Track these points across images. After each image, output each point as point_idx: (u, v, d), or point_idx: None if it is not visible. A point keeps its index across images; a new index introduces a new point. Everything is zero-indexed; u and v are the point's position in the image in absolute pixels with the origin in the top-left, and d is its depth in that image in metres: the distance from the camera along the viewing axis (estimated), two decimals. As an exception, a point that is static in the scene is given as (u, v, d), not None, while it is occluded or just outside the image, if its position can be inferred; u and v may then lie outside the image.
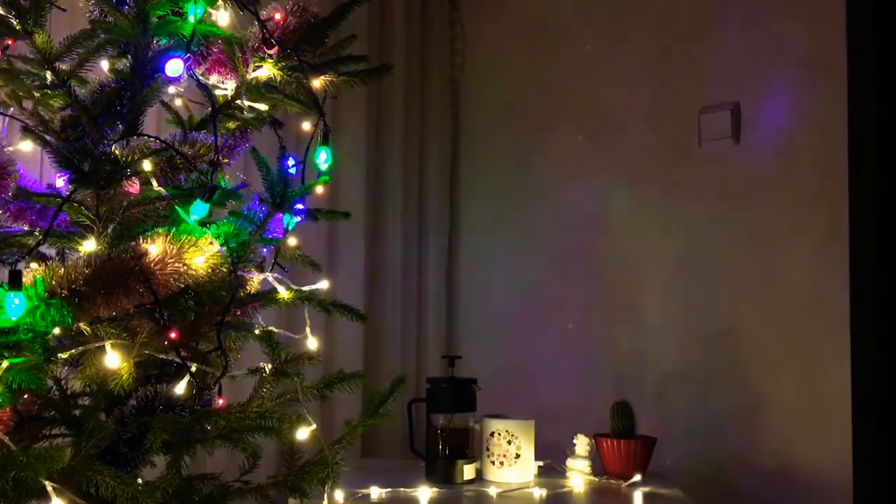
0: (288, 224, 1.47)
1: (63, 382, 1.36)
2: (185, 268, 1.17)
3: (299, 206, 1.46)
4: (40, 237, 1.23)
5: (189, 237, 1.19)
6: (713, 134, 2.34)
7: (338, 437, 1.51)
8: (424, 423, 2.08)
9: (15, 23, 1.24)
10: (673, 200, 2.44)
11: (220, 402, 1.31)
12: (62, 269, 1.09)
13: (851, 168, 2.08)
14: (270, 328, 1.48)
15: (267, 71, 1.42)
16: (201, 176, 1.31)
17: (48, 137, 1.34)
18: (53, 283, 1.08)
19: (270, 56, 1.40)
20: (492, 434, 2.02)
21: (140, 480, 1.25)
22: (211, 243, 1.20)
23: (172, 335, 1.18)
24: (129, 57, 1.36)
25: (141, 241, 1.19)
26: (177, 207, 1.26)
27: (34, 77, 1.34)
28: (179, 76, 1.28)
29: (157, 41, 1.38)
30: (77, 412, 1.36)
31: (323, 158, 1.43)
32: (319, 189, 1.48)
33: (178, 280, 1.18)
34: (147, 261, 1.14)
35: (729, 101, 2.32)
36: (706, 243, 2.35)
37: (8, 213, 1.39)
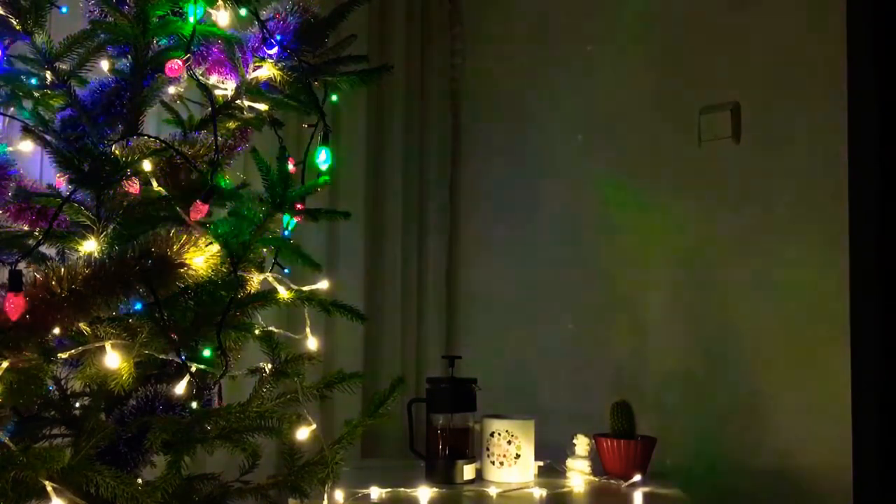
0: (288, 224, 1.47)
1: (63, 382, 1.36)
2: (185, 268, 1.17)
3: (299, 206, 1.46)
4: (40, 237, 1.23)
5: (189, 237, 1.19)
6: (713, 134, 2.34)
7: (338, 437, 1.51)
8: (424, 423, 2.08)
9: (15, 23, 1.24)
10: (673, 200, 2.43)
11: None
12: (62, 269, 1.09)
13: (851, 168, 2.08)
14: (270, 328, 1.48)
15: (267, 71, 1.42)
16: (201, 176, 1.31)
17: (48, 137, 1.34)
18: (53, 283, 1.08)
19: (270, 56, 1.40)
20: (492, 434, 2.02)
21: (140, 480, 1.25)
22: (210, 243, 1.20)
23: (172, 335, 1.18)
24: (129, 57, 1.36)
25: (141, 240, 1.19)
26: (177, 207, 1.26)
27: (34, 77, 1.34)
28: (179, 76, 1.28)
29: (157, 41, 1.38)
30: (77, 412, 1.36)
31: (323, 158, 1.43)
32: (319, 189, 1.48)
33: (178, 280, 1.18)
34: (147, 261, 1.14)
35: (729, 101, 2.32)
36: (706, 243, 2.35)
37: (8, 213, 1.39)
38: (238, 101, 1.47)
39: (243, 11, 1.41)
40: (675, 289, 2.42)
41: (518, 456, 2.00)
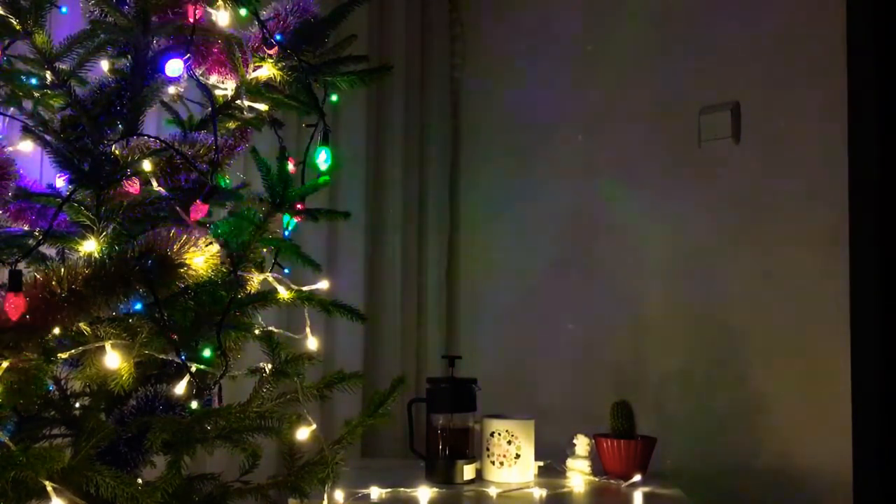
0: (288, 224, 1.47)
1: (63, 382, 1.36)
2: (185, 268, 1.17)
3: (299, 206, 1.46)
4: (40, 237, 1.23)
5: (189, 237, 1.19)
6: (713, 134, 2.34)
7: (338, 437, 1.51)
8: (424, 423, 2.07)
9: (15, 23, 1.24)
10: (673, 200, 2.43)
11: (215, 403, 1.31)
12: (62, 269, 1.09)
13: (851, 167, 2.08)
14: (270, 328, 1.48)
15: (267, 71, 1.42)
16: (201, 176, 1.31)
17: (48, 137, 1.34)
18: (53, 283, 1.08)
19: (270, 56, 1.40)
20: (492, 434, 2.02)
21: (140, 480, 1.25)
22: (211, 243, 1.20)
23: (172, 335, 1.18)
24: (129, 57, 1.36)
25: (141, 241, 1.19)
26: (177, 207, 1.26)
27: (34, 77, 1.34)
28: (179, 76, 1.28)
29: (157, 41, 1.38)
30: (77, 412, 1.36)
31: (323, 158, 1.43)
32: (319, 189, 1.48)
33: (178, 280, 1.18)
34: (147, 261, 1.14)
35: (729, 101, 2.32)
36: (706, 243, 2.35)
37: (8, 213, 1.39)
38: (238, 101, 1.47)
39: (243, 11, 1.41)
40: (675, 289, 2.42)
41: (518, 456, 2.00)
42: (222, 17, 1.42)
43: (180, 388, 1.29)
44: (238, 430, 1.34)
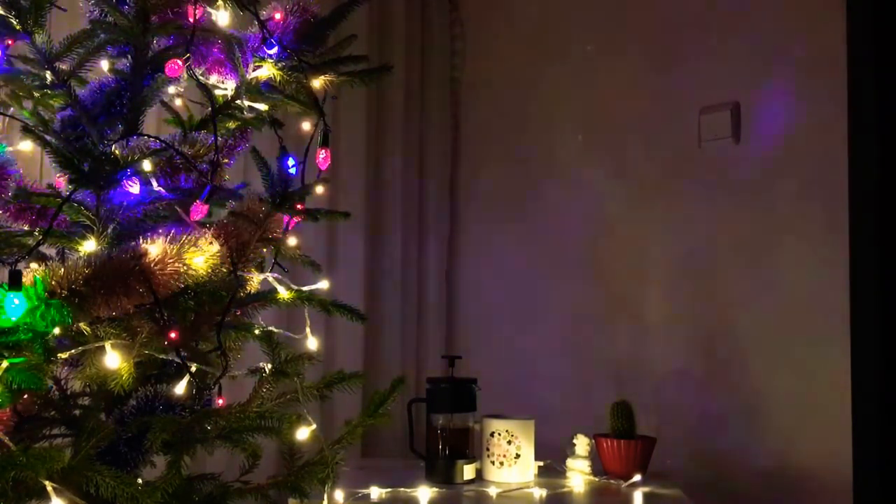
0: (287, 224, 1.47)
1: (63, 382, 1.36)
2: (185, 268, 1.17)
3: (299, 206, 1.46)
4: (40, 237, 1.23)
5: (189, 237, 1.19)
6: (713, 134, 2.34)
7: (338, 437, 1.51)
8: (424, 423, 2.08)
9: (15, 23, 1.24)
10: (673, 200, 2.43)
11: (220, 401, 1.31)
12: (62, 269, 1.09)
13: (851, 167, 2.08)
14: (270, 328, 1.48)
15: (267, 71, 1.42)
16: (201, 176, 1.31)
17: (48, 137, 1.34)
18: (53, 283, 1.08)
19: (270, 56, 1.40)
20: (492, 434, 2.02)
21: (140, 480, 1.25)
22: (211, 243, 1.20)
23: (172, 335, 1.18)
24: (129, 57, 1.36)
25: (141, 241, 1.19)
26: (177, 207, 1.26)
27: (34, 77, 1.34)
28: (179, 76, 1.28)
29: (157, 41, 1.38)
30: (77, 412, 1.36)
31: (323, 158, 1.43)
32: (319, 189, 1.48)
33: (178, 280, 1.18)
34: (147, 261, 1.14)
35: (729, 101, 2.32)
36: (706, 243, 2.35)
37: (8, 213, 1.39)
38: (238, 101, 1.47)
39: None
40: (675, 289, 2.42)
41: (518, 456, 2.00)
42: (222, 17, 1.42)
43: (180, 388, 1.29)
44: (238, 430, 1.34)
